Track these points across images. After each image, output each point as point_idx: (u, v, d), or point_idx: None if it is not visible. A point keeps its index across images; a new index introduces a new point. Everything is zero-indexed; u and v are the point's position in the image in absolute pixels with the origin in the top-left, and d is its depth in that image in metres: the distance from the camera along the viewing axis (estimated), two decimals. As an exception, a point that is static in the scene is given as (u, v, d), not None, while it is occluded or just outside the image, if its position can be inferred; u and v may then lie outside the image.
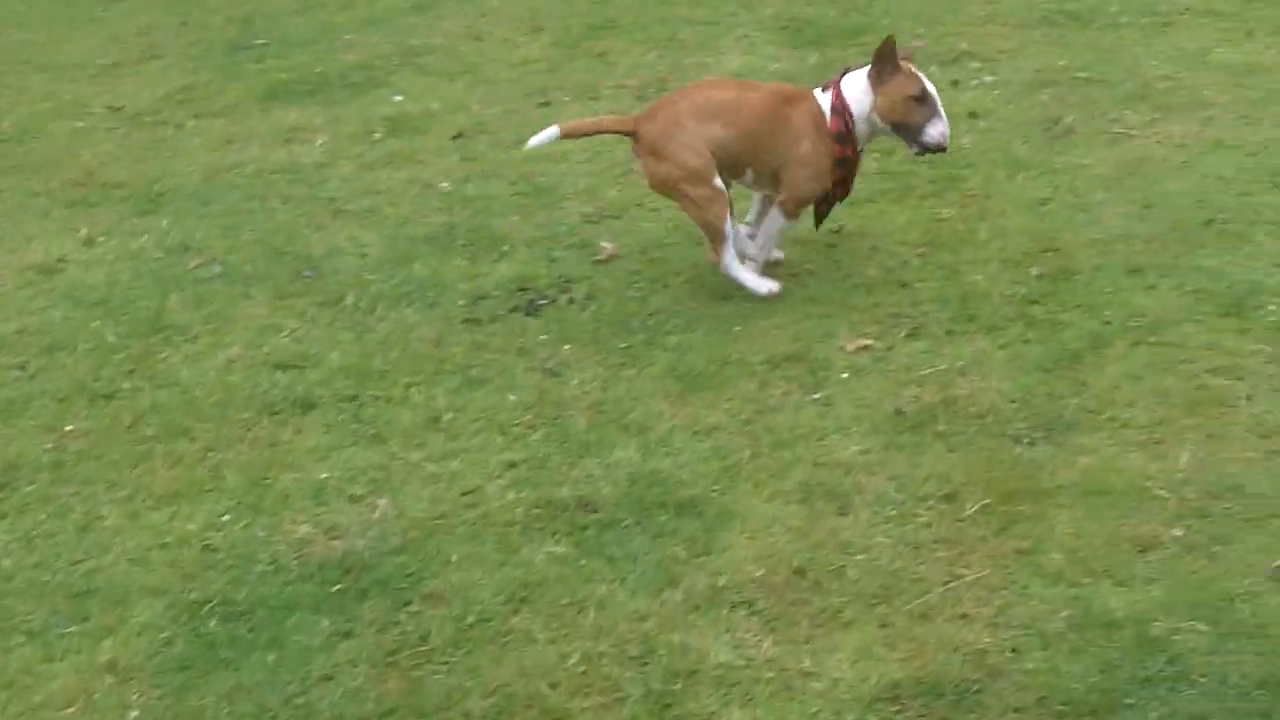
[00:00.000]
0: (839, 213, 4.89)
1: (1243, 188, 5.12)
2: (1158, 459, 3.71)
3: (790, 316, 4.57)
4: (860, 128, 4.53)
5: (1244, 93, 6.01)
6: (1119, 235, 4.85)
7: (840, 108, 4.50)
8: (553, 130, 4.63)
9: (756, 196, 4.81)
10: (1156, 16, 7.11)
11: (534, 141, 4.65)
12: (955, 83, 6.34)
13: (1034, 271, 4.68)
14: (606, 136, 4.92)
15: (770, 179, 4.63)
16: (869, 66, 4.49)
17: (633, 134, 4.61)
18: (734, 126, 4.52)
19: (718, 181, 4.51)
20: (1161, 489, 3.60)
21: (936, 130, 4.45)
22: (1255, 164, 5.30)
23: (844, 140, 4.51)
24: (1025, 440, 3.85)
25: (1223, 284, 4.48)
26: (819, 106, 4.55)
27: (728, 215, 4.55)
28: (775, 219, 4.67)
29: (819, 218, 4.79)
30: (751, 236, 4.75)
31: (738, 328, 4.53)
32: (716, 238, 4.58)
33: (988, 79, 6.40)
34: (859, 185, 4.85)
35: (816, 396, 4.14)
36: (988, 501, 3.61)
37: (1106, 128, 5.77)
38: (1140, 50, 6.64)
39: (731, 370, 4.30)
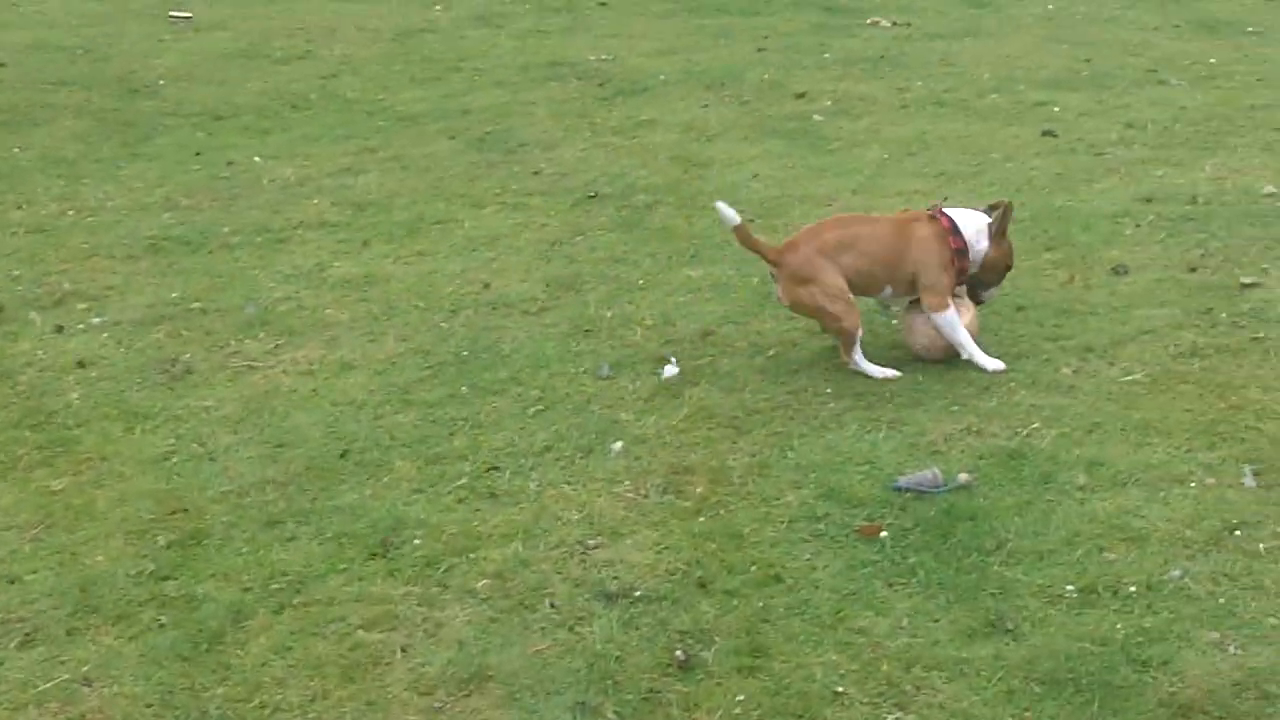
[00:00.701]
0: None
1: (374, 410, 4.96)
2: (316, 744, 3.34)
3: None
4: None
5: (366, 307, 5.91)
6: (252, 484, 4.48)
7: (954, 228, 5.00)
8: (733, 217, 5.01)
9: None
10: (271, 234, 6.90)
11: (722, 209, 5.03)
12: (60, 328, 5.72)
13: (162, 541, 4.18)
14: None
15: (908, 287, 5.09)
16: (988, 218, 5.02)
17: (776, 263, 5.02)
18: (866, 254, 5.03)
19: (851, 297, 5.00)
20: (323, 783, 3.22)
21: (995, 292, 5.21)
22: (383, 383, 5.17)
23: (963, 255, 5.00)
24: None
25: (365, 523, 4.24)
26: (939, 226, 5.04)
27: (859, 324, 5.01)
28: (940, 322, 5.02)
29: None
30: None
31: None
32: (850, 342, 5.00)
33: (96, 320, 5.82)
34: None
35: (-94, 750, 3.37)
36: None
37: (227, 361, 5.40)
38: (258, 272, 6.39)
39: None
